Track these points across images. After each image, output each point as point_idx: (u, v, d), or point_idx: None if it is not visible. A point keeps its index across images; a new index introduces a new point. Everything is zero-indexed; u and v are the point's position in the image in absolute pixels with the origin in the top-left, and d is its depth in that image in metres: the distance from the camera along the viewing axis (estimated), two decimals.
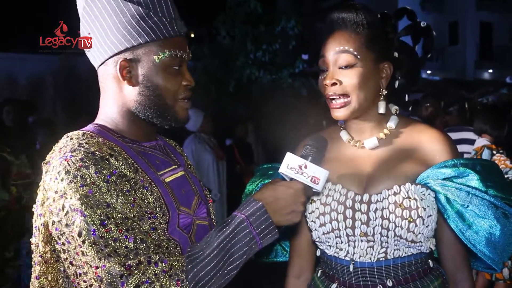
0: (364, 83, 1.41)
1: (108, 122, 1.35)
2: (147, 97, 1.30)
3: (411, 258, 1.42)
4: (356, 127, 1.53)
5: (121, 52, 1.27)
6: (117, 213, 1.14)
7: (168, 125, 1.36)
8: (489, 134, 4.01)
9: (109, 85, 1.32)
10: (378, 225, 1.39)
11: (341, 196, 1.45)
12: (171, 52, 1.29)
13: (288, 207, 1.24)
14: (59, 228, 1.16)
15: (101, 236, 1.10)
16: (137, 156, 1.30)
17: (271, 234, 1.20)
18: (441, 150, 1.44)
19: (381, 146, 1.50)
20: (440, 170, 1.39)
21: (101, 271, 1.09)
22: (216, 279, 1.13)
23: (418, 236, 1.38)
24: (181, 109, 1.36)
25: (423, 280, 1.43)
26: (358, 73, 1.40)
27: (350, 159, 1.52)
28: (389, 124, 1.51)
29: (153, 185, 1.27)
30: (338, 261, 1.47)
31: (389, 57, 1.48)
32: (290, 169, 1.28)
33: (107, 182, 1.16)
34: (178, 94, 1.33)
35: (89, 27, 1.30)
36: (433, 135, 1.47)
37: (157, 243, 1.18)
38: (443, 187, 1.38)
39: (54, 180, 1.17)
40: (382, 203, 1.40)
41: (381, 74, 1.46)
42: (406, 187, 1.39)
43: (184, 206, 1.35)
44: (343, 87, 1.41)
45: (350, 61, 1.40)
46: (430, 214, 1.38)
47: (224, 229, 1.18)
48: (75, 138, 1.26)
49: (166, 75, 1.30)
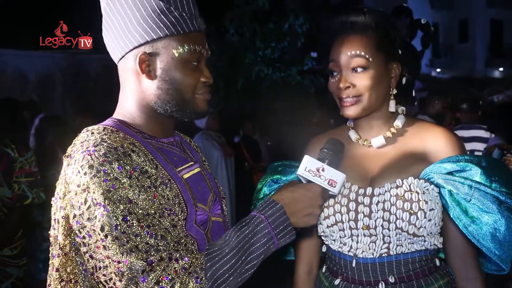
0: (377, 85, 1.44)
1: (127, 116, 1.36)
2: (165, 91, 1.31)
3: (414, 255, 1.43)
4: (364, 126, 1.56)
5: (141, 46, 1.29)
6: (138, 209, 1.15)
7: (188, 118, 1.37)
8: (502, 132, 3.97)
9: (128, 79, 1.34)
10: (379, 218, 1.41)
11: (345, 189, 1.48)
12: (190, 47, 1.30)
13: (305, 209, 1.26)
14: (80, 222, 1.16)
15: (123, 231, 1.11)
16: (156, 152, 1.31)
17: (288, 235, 1.22)
18: (444, 146, 1.45)
19: (388, 144, 1.53)
20: (443, 164, 1.40)
21: (123, 265, 1.10)
22: (233, 277, 1.14)
23: (420, 229, 1.38)
24: (201, 101, 1.37)
25: (427, 278, 1.43)
26: (370, 75, 1.43)
27: (357, 157, 1.55)
28: (396, 123, 1.54)
29: (172, 182, 1.28)
30: (341, 256, 1.49)
31: (396, 57, 1.51)
32: (308, 171, 1.29)
33: (130, 178, 1.17)
34: (196, 89, 1.34)
35: (110, 22, 1.31)
36: (437, 132, 1.49)
37: (177, 240, 1.19)
38: (446, 181, 1.39)
39: (76, 174, 1.17)
40: (384, 196, 1.42)
41: (390, 74, 1.49)
42: (409, 181, 1.42)
43: (201, 203, 1.36)
44: (357, 90, 1.44)
45: (363, 64, 1.43)
46: (432, 208, 1.39)
47: (244, 229, 1.19)
48: (96, 132, 1.27)
49: (185, 70, 1.31)
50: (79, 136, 1.31)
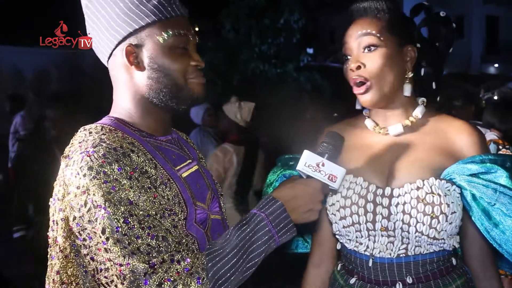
0: (389, 65, 1.40)
1: (123, 114, 1.34)
2: (156, 79, 1.29)
3: (433, 255, 1.39)
4: (382, 115, 1.51)
5: (125, 39, 1.28)
6: (139, 210, 1.14)
7: (185, 104, 1.34)
8: (497, 128, 3.95)
9: (120, 75, 1.32)
10: (399, 220, 1.37)
11: (362, 190, 1.43)
12: (174, 32, 1.29)
13: (306, 206, 1.25)
14: (81, 224, 1.16)
15: (124, 233, 1.11)
16: (154, 151, 1.30)
17: (289, 232, 1.21)
18: (469, 143, 1.41)
19: (406, 134, 1.47)
20: (466, 165, 1.36)
21: (125, 268, 1.10)
22: (235, 276, 1.14)
23: (440, 233, 1.35)
24: (195, 85, 1.34)
25: (444, 278, 1.40)
26: (382, 54, 1.40)
27: (373, 146, 1.50)
28: (415, 112, 1.48)
29: (171, 181, 1.27)
30: (357, 255, 1.46)
31: (412, 41, 1.47)
32: (307, 167, 1.28)
33: (130, 179, 1.16)
34: (187, 74, 1.32)
35: (93, 23, 1.31)
36: (462, 127, 1.45)
37: (178, 240, 1.18)
38: (469, 184, 1.34)
39: (76, 176, 1.16)
40: (404, 198, 1.37)
41: (405, 57, 1.44)
42: (430, 182, 1.37)
43: (200, 201, 1.36)
44: (367, 70, 1.40)
45: (373, 42, 1.40)
46: (454, 211, 1.35)
47: (244, 227, 1.19)
48: (95, 132, 1.26)
49: (172, 55, 1.29)
50: (76, 135, 1.29)
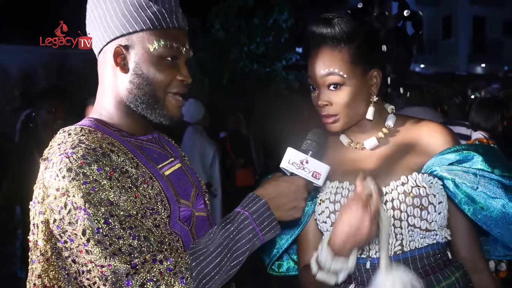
0: (355, 99, 1.42)
1: (104, 115, 1.33)
2: (137, 85, 1.28)
3: (428, 249, 1.41)
4: (355, 130, 1.53)
5: (117, 38, 1.27)
6: (120, 211, 1.14)
7: (157, 119, 1.32)
8: (483, 127, 3.99)
9: (105, 73, 1.32)
10: (390, 217, 1.38)
11: (350, 192, 1.44)
12: (166, 43, 1.27)
13: (290, 203, 1.26)
14: (61, 226, 1.15)
15: (105, 234, 1.10)
16: (135, 150, 1.29)
17: (273, 230, 1.21)
18: (442, 141, 1.45)
19: (381, 145, 1.50)
20: (444, 156, 1.40)
21: (106, 270, 1.09)
22: (219, 275, 1.14)
23: (431, 223, 1.37)
24: (172, 104, 1.32)
25: (443, 271, 1.41)
26: (347, 91, 1.40)
27: (352, 160, 1.51)
28: (387, 123, 1.51)
29: (153, 180, 1.26)
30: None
31: (376, 63, 1.45)
32: (291, 164, 1.28)
33: (110, 179, 1.16)
34: (170, 88, 1.31)
35: (93, 17, 1.30)
36: (432, 128, 1.48)
37: (160, 240, 1.17)
38: (449, 172, 1.38)
39: (55, 178, 1.15)
40: (392, 194, 1.39)
41: (370, 82, 1.45)
42: (413, 176, 1.40)
43: (184, 199, 1.35)
44: (334, 107, 1.42)
45: (338, 81, 1.39)
46: (440, 201, 1.38)
47: (228, 226, 1.18)
48: (74, 133, 1.24)
49: (159, 65, 1.28)
50: (55, 137, 1.28)
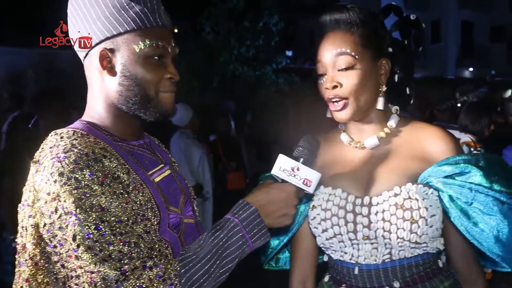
0: (365, 83, 1.40)
1: (95, 118, 1.32)
2: (126, 87, 1.27)
3: (417, 258, 1.40)
4: (357, 128, 1.52)
5: (102, 42, 1.26)
6: (111, 217, 1.13)
7: (153, 117, 1.32)
8: (471, 130, 4.01)
9: (93, 77, 1.31)
10: (380, 228, 1.37)
11: (341, 201, 1.43)
12: (152, 42, 1.27)
13: (280, 210, 1.26)
14: (51, 231, 1.14)
15: (95, 240, 1.09)
16: (127, 156, 1.28)
17: (263, 237, 1.22)
18: (443, 148, 1.42)
19: (381, 145, 1.48)
20: (441, 167, 1.37)
21: (96, 276, 1.08)
22: (208, 282, 1.14)
23: (422, 237, 1.35)
24: (165, 99, 1.32)
25: (432, 281, 1.41)
26: (358, 73, 1.39)
27: (350, 161, 1.50)
28: (390, 123, 1.49)
29: (144, 186, 1.26)
30: (344, 264, 1.46)
31: (385, 53, 1.47)
32: (282, 171, 1.28)
33: (101, 185, 1.15)
34: (159, 86, 1.30)
35: (75, 21, 1.29)
36: (434, 132, 1.46)
37: (150, 246, 1.17)
38: (445, 185, 1.36)
39: (46, 182, 1.14)
40: (383, 205, 1.38)
41: (379, 71, 1.44)
42: (407, 188, 1.38)
43: (173, 206, 1.35)
44: (344, 89, 1.39)
45: (350, 62, 1.39)
46: (433, 214, 1.36)
47: (218, 233, 1.18)
48: (66, 137, 1.23)
49: (146, 65, 1.27)
50: (47, 140, 1.26)
